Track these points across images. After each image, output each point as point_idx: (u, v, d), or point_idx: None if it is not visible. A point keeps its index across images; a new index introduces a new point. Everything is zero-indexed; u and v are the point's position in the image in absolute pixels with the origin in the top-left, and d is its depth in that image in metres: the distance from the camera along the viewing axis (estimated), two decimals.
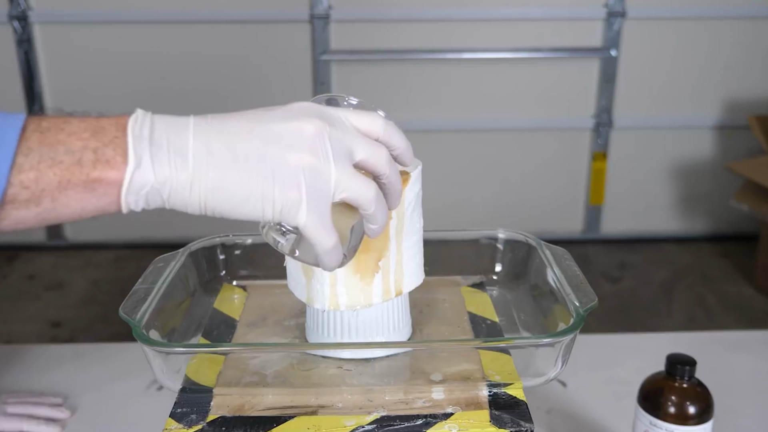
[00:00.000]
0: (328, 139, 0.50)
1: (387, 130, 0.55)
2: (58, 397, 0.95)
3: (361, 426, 0.62)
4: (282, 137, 0.50)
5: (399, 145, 0.56)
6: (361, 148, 0.52)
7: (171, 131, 0.49)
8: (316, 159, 0.50)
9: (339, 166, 0.50)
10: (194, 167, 0.48)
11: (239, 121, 0.51)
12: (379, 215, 0.54)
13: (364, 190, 0.52)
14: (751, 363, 1.05)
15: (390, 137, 0.55)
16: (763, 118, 2.54)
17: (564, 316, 0.69)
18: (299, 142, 0.50)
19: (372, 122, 0.54)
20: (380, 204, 0.54)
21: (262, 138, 0.49)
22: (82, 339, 2.27)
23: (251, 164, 0.49)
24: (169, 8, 2.65)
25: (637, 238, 2.96)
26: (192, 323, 0.78)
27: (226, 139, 0.49)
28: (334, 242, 0.52)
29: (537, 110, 2.82)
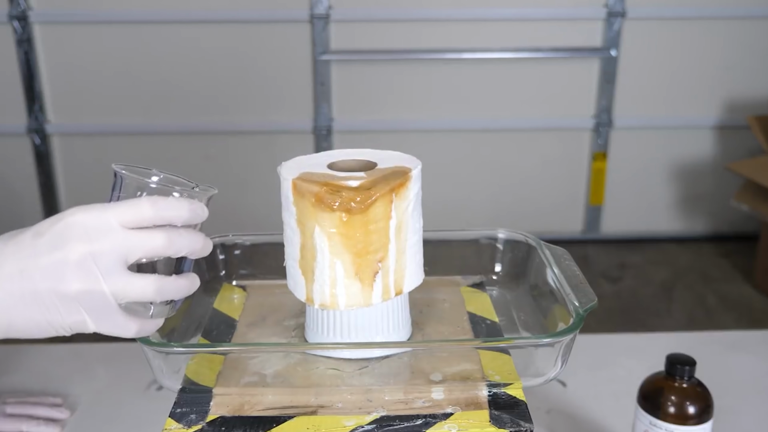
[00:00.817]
0: (92, 261, 0.53)
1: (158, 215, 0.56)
2: (58, 397, 0.95)
3: (361, 426, 0.62)
4: (48, 272, 0.53)
5: (179, 215, 0.57)
6: (132, 250, 0.54)
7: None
8: (85, 283, 0.53)
9: (110, 280, 0.54)
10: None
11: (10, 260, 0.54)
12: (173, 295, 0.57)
13: (141, 291, 0.55)
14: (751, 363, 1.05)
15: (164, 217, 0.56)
16: (763, 118, 2.54)
17: (564, 316, 0.69)
18: (64, 274, 0.53)
19: (139, 215, 0.55)
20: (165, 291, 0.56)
21: (33, 277, 0.54)
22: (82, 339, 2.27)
23: (29, 303, 0.54)
24: (169, 8, 2.65)
25: (637, 238, 2.96)
26: (192, 323, 0.78)
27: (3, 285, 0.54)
28: (135, 330, 0.57)
29: (537, 110, 2.82)
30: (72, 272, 0.53)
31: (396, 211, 0.65)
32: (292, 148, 2.73)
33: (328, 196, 0.63)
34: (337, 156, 0.71)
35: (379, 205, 0.64)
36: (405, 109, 2.78)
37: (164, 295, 0.57)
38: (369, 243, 0.64)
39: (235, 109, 2.77)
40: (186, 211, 0.57)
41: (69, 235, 0.54)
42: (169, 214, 0.56)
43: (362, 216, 0.64)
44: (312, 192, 0.64)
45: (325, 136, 2.79)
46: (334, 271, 0.65)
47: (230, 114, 2.77)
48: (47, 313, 0.54)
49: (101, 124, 2.75)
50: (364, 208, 0.64)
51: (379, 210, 0.64)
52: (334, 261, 0.65)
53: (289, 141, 2.80)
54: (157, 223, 0.56)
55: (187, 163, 2.82)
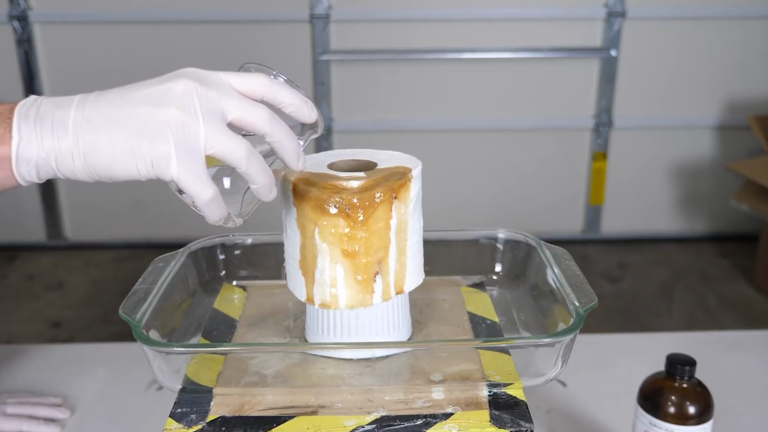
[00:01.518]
0: (197, 97, 0.53)
1: (271, 90, 0.56)
2: (58, 397, 0.95)
3: (361, 426, 0.62)
4: (151, 97, 0.53)
5: (290, 101, 0.57)
6: (234, 107, 0.54)
7: (56, 108, 0.54)
8: (183, 114, 0.52)
9: (208, 123, 0.52)
10: (73, 134, 0.53)
11: (116, 91, 0.54)
12: (255, 175, 0.55)
13: (232, 147, 0.53)
14: (751, 363, 1.05)
15: (276, 95, 0.56)
16: (763, 118, 2.54)
17: (564, 316, 0.69)
18: (166, 100, 0.52)
19: (253, 82, 0.56)
20: (253, 164, 0.55)
21: (132, 101, 0.53)
22: (82, 339, 2.27)
23: (121, 124, 0.52)
24: (169, 8, 2.65)
25: (637, 238, 2.96)
26: (192, 323, 0.78)
27: (101, 107, 0.53)
28: (210, 195, 0.54)
29: (537, 110, 2.82)
30: (174, 100, 0.52)
31: (396, 211, 0.65)
32: None
33: (329, 198, 0.63)
34: (337, 156, 0.71)
35: (379, 205, 0.64)
36: (405, 109, 2.78)
37: (251, 165, 0.54)
38: (369, 243, 0.64)
39: None
40: (299, 99, 0.57)
41: (180, 74, 0.54)
42: (282, 93, 0.56)
43: (362, 216, 0.64)
44: (312, 195, 0.64)
45: (325, 136, 2.79)
46: (334, 271, 0.65)
47: None
48: (136, 137, 0.52)
49: None
50: (365, 208, 0.64)
51: (379, 210, 0.64)
52: (334, 261, 0.65)
53: None
54: (267, 96, 0.56)
55: None
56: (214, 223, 0.57)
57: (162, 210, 2.88)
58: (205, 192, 0.54)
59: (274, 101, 0.56)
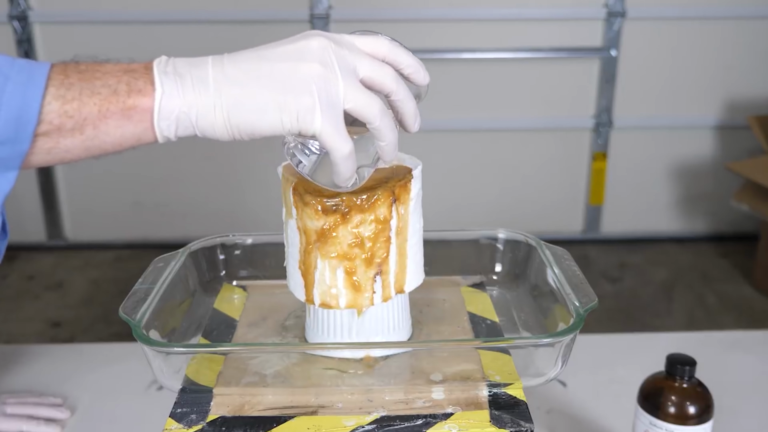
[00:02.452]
0: (333, 54, 0.54)
1: (393, 51, 0.58)
2: (58, 398, 0.95)
3: (361, 426, 0.62)
4: (290, 54, 0.54)
5: (409, 63, 0.59)
6: (365, 65, 0.55)
7: (192, 65, 0.56)
8: (324, 68, 0.53)
9: (345, 78, 0.54)
10: (215, 89, 0.54)
11: (250, 51, 0.56)
12: (385, 131, 0.56)
13: (368, 101, 0.55)
14: (751, 363, 1.05)
15: (396, 56, 0.58)
16: (763, 118, 2.54)
17: (564, 316, 0.69)
18: (307, 55, 0.54)
19: (377, 43, 0.58)
20: (386, 120, 0.56)
21: (272, 58, 0.54)
22: (82, 339, 2.27)
23: (265, 80, 0.53)
24: (169, 8, 2.65)
25: (637, 238, 2.95)
26: (192, 323, 0.78)
27: (240, 65, 0.55)
28: (349, 148, 0.55)
29: (537, 110, 2.82)
30: (313, 55, 0.54)
31: (396, 211, 0.65)
32: None
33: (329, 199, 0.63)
34: None
35: (379, 205, 0.64)
36: None
37: (383, 121, 0.55)
38: (369, 244, 0.64)
39: None
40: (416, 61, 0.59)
41: (313, 34, 0.55)
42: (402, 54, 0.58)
43: (363, 217, 0.64)
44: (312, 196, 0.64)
45: None
46: (334, 271, 0.65)
47: None
48: (279, 91, 0.53)
49: None
50: (365, 209, 0.64)
51: (379, 211, 0.64)
52: (334, 261, 0.65)
53: None
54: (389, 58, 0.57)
55: (187, 163, 2.82)
56: (341, 182, 0.58)
57: (162, 210, 2.88)
58: (345, 145, 0.55)
59: (394, 62, 0.58)
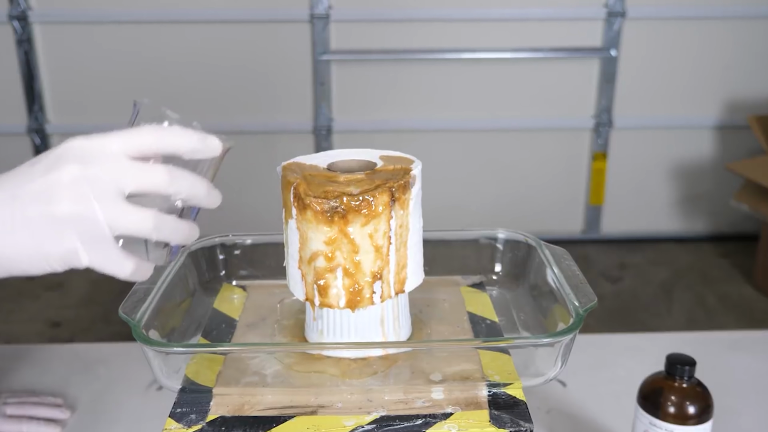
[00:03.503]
0: (86, 183, 0.50)
1: (162, 142, 0.53)
2: (58, 398, 0.95)
3: (361, 426, 0.62)
4: (40, 194, 0.50)
5: (186, 147, 0.53)
6: (129, 180, 0.51)
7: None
8: (78, 205, 0.50)
9: (105, 206, 0.50)
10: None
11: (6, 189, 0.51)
12: (171, 237, 0.54)
13: (138, 223, 0.51)
14: (751, 363, 1.05)
15: (167, 145, 0.53)
16: (763, 118, 2.54)
17: (564, 316, 0.69)
18: (56, 194, 0.50)
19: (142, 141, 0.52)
20: (165, 229, 0.53)
21: (24, 200, 0.50)
22: (82, 339, 2.27)
23: (18, 228, 0.50)
24: (169, 8, 2.65)
25: (637, 238, 2.96)
26: (192, 323, 0.78)
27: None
28: (130, 270, 0.53)
29: (537, 110, 2.82)
30: (64, 193, 0.50)
31: (396, 211, 0.65)
32: (292, 148, 2.73)
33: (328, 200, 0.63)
34: (337, 156, 0.71)
35: (379, 205, 0.64)
36: (405, 109, 2.78)
37: (162, 233, 0.53)
38: (369, 243, 0.64)
39: (235, 109, 2.77)
40: (195, 140, 0.53)
41: (65, 158, 0.51)
42: (174, 141, 0.53)
43: (362, 217, 0.64)
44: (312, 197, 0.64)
45: (325, 136, 2.79)
46: (334, 271, 0.65)
47: (230, 114, 2.77)
48: (38, 239, 0.50)
49: (101, 124, 2.73)
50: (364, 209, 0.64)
51: (379, 211, 0.64)
52: (334, 261, 0.65)
53: (289, 141, 2.80)
54: (160, 150, 0.53)
55: None
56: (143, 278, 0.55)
57: None
58: (123, 270, 0.53)
59: (168, 153, 0.53)
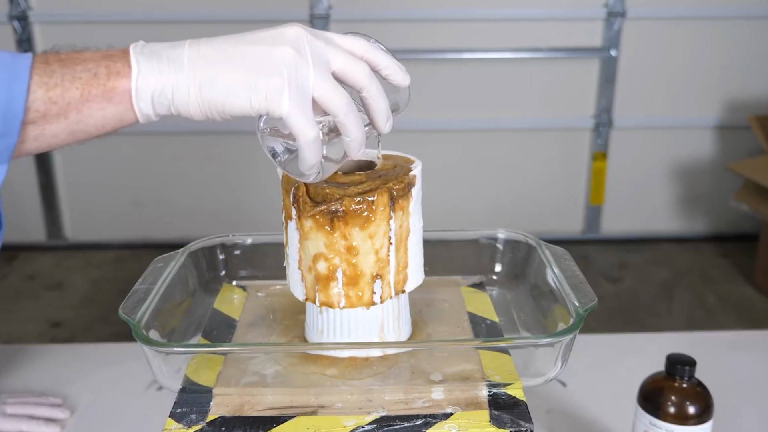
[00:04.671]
0: (307, 42, 0.55)
1: (370, 50, 0.59)
2: (58, 398, 0.95)
3: (361, 426, 0.62)
4: (265, 38, 0.56)
5: (386, 63, 0.60)
6: (338, 58, 0.57)
7: (169, 47, 0.56)
8: (296, 54, 0.55)
9: (316, 66, 0.55)
10: (189, 67, 0.55)
11: (227, 36, 0.57)
12: (351, 126, 0.57)
13: (335, 93, 0.56)
14: (751, 363, 1.05)
15: (374, 56, 0.59)
16: (763, 118, 2.54)
17: (564, 316, 0.69)
18: (281, 40, 0.55)
19: (355, 42, 0.59)
20: (351, 115, 0.57)
21: (247, 40, 0.56)
22: (82, 339, 2.27)
23: (237, 59, 0.55)
24: (169, 8, 2.65)
25: (637, 238, 2.96)
26: (192, 323, 0.78)
27: (215, 46, 0.56)
28: (314, 134, 0.56)
29: (537, 110, 2.82)
30: (287, 41, 0.55)
31: (396, 211, 0.65)
32: None
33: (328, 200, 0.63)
34: None
35: (379, 205, 0.64)
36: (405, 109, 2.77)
37: (349, 117, 0.56)
38: (369, 244, 0.64)
39: None
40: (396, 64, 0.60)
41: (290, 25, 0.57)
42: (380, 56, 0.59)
43: (362, 217, 0.64)
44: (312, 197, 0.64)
45: None
46: (334, 271, 0.65)
47: None
48: (250, 71, 0.54)
49: None
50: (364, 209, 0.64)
51: (379, 211, 0.64)
52: (334, 261, 0.65)
53: None
54: (367, 56, 0.59)
55: (187, 163, 2.82)
56: (305, 169, 0.58)
57: (162, 210, 2.88)
58: (310, 130, 0.55)
59: (371, 61, 0.59)
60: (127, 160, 2.77)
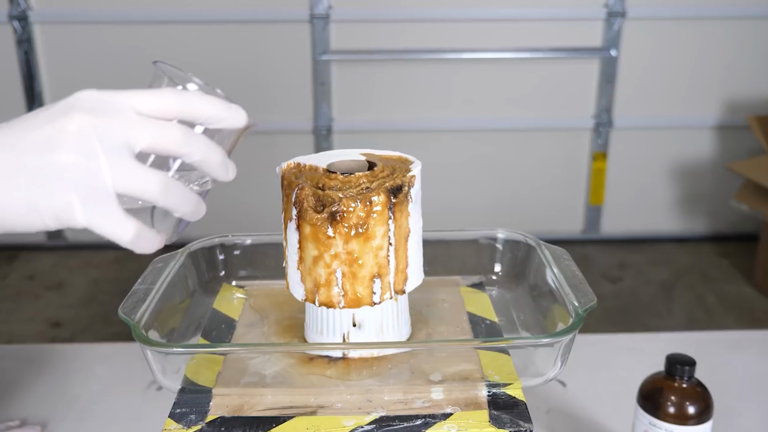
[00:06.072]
0: (94, 134, 0.46)
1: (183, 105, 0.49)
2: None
3: (360, 426, 0.62)
4: (42, 142, 0.46)
5: (207, 114, 0.50)
6: (141, 136, 0.47)
7: None
8: (81, 157, 0.46)
9: (111, 160, 0.46)
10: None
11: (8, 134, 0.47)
12: (177, 205, 0.50)
13: (143, 184, 0.47)
14: (751, 363, 1.05)
15: (191, 111, 0.50)
16: (763, 118, 2.54)
17: (563, 316, 0.69)
18: (61, 143, 0.46)
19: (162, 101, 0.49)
20: (172, 195, 0.49)
21: (24, 149, 0.46)
22: (82, 339, 2.27)
23: (12, 178, 0.46)
24: (169, 8, 2.65)
25: (637, 238, 2.96)
26: (191, 323, 0.78)
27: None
28: (132, 233, 0.49)
29: (537, 110, 2.82)
30: (68, 142, 0.46)
31: (396, 211, 0.65)
32: (292, 148, 2.73)
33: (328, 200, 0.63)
34: (337, 156, 0.71)
35: (378, 206, 0.64)
36: (405, 109, 2.78)
37: (170, 199, 0.49)
38: (369, 244, 0.64)
39: None
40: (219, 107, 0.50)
41: (75, 107, 0.47)
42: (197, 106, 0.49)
43: (362, 217, 0.64)
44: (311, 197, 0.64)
45: (325, 136, 2.79)
46: (333, 271, 0.65)
47: None
48: (32, 190, 0.46)
49: None
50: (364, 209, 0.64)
51: (378, 211, 0.64)
52: (333, 262, 0.65)
53: (289, 141, 2.80)
54: (181, 113, 0.49)
55: None
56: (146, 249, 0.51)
57: None
58: (124, 232, 0.48)
59: (189, 118, 0.50)
60: None
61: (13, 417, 0.93)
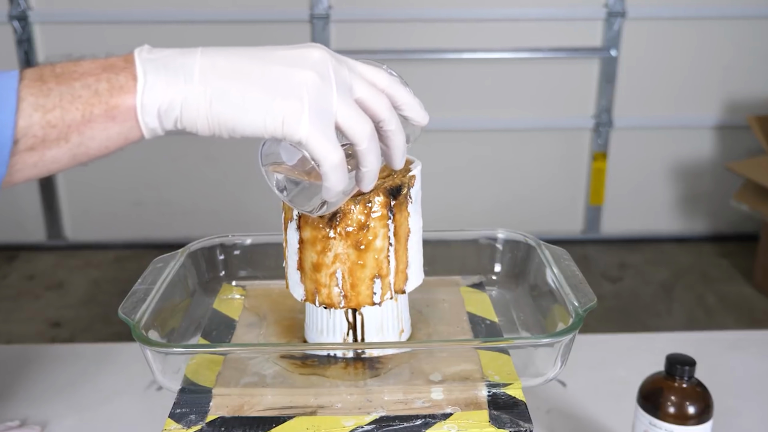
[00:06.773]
0: (331, 67, 0.52)
1: (392, 85, 0.57)
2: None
3: (360, 426, 0.62)
4: (287, 59, 0.52)
5: (407, 101, 0.57)
6: (362, 87, 0.54)
7: (179, 54, 0.52)
8: (319, 78, 0.51)
9: (340, 92, 0.52)
10: (199, 80, 0.51)
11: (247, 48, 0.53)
12: (370, 156, 0.54)
13: (360, 120, 0.53)
14: (751, 363, 1.05)
15: (395, 92, 0.57)
16: (763, 118, 2.54)
17: (563, 316, 0.69)
18: (304, 63, 0.52)
19: (377, 73, 0.56)
20: (373, 144, 0.54)
21: (267, 59, 0.52)
22: (82, 339, 2.27)
23: (255, 78, 0.51)
24: (169, 8, 2.65)
25: (637, 238, 2.96)
26: (191, 323, 0.78)
27: (231, 59, 0.52)
28: (339, 157, 0.52)
29: (537, 110, 2.82)
30: (310, 65, 0.52)
31: (396, 212, 0.65)
32: None
33: None
34: None
35: (378, 206, 0.64)
36: None
37: (371, 147, 0.53)
38: (369, 244, 0.64)
39: None
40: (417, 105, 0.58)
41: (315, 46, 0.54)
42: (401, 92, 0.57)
43: (362, 217, 0.64)
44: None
45: None
46: (333, 272, 0.65)
47: None
48: (270, 92, 0.51)
49: None
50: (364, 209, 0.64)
51: (378, 211, 0.64)
52: (333, 262, 0.65)
53: None
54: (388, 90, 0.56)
55: (187, 163, 2.82)
56: (331, 197, 0.55)
57: (162, 210, 2.88)
58: (334, 154, 0.52)
59: (392, 96, 0.57)
60: (127, 160, 2.77)
61: (13, 417, 0.93)
